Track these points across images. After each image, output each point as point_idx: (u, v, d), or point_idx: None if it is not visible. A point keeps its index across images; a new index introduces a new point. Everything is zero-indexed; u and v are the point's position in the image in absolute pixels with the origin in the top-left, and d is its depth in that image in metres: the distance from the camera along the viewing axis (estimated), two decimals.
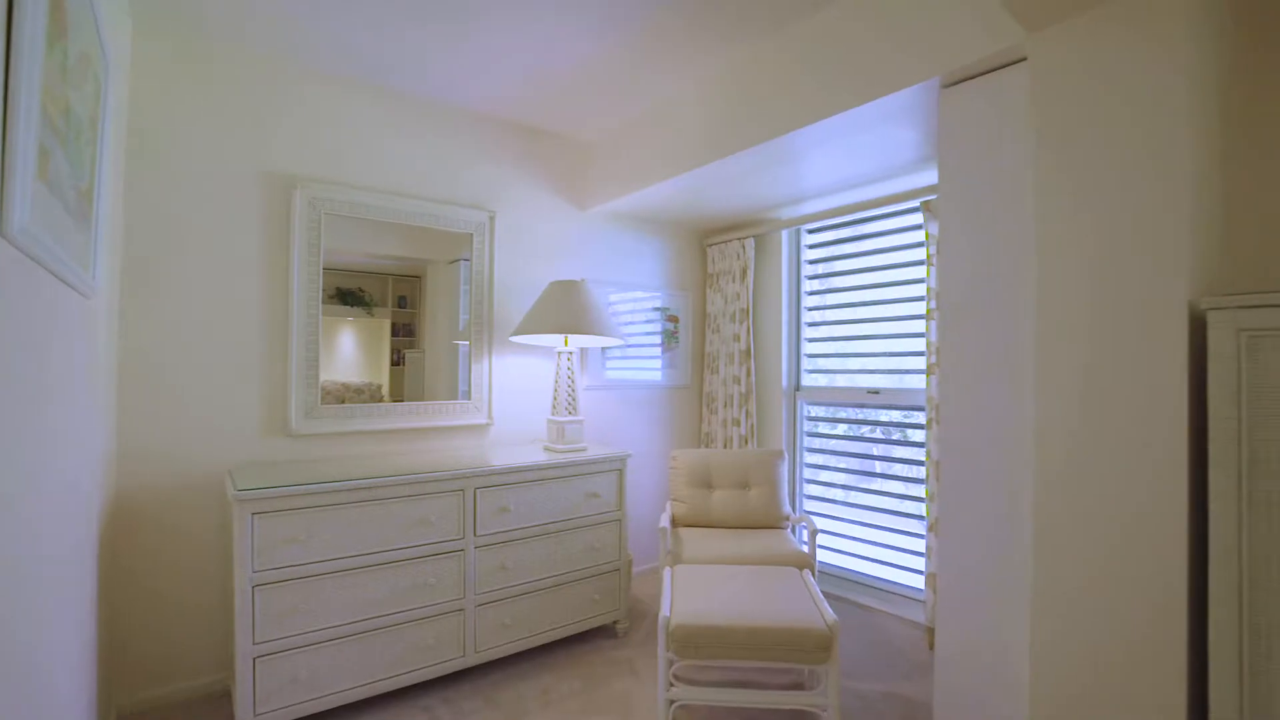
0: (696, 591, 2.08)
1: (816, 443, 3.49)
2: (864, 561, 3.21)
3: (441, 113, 2.91)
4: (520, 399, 3.16)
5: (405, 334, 2.82)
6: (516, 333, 2.83)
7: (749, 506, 2.86)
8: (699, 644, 1.87)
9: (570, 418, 2.81)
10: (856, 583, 3.22)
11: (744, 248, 3.57)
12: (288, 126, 2.50)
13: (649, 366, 3.70)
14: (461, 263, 2.97)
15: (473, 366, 2.97)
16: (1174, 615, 1.33)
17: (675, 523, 2.91)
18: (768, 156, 2.55)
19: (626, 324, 3.60)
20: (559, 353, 2.89)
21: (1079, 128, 1.49)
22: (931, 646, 2.63)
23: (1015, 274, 1.75)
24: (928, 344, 2.69)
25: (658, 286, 3.74)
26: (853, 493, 3.30)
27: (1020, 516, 1.72)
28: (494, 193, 3.08)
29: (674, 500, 2.95)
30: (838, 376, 3.38)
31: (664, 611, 1.96)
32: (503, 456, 2.64)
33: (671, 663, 1.94)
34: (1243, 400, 1.25)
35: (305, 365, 2.50)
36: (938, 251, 1.93)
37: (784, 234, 3.56)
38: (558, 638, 2.60)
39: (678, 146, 2.79)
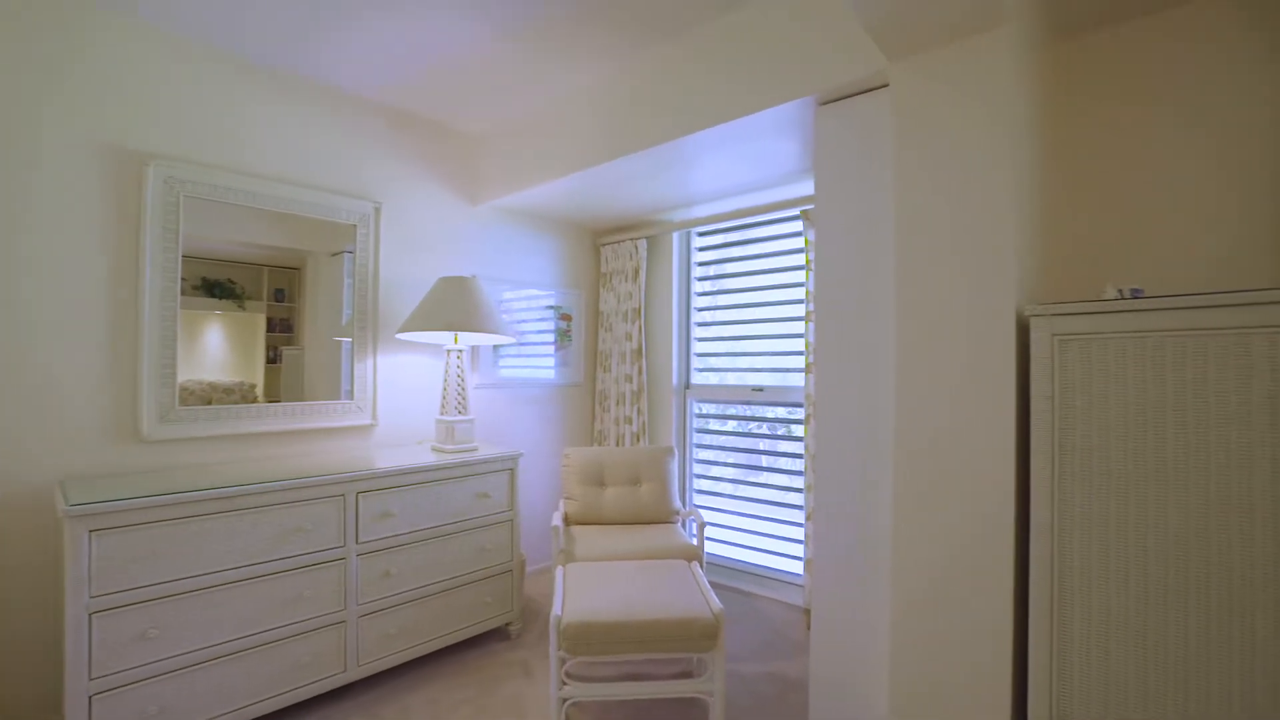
0: (588, 589, 2.10)
1: (708, 439, 3.62)
2: (750, 551, 3.38)
3: (326, 96, 2.73)
4: (407, 398, 3.03)
5: (283, 329, 2.62)
6: (404, 329, 2.72)
7: (640, 503, 2.92)
8: (590, 641, 1.89)
9: (460, 417, 2.74)
10: (743, 571, 3.38)
11: (636, 248, 3.63)
12: (137, 97, 2.24)
13: (542, 365, 3.67)
14: (345, 255, 2.80)
15: (356, 365, 2.82)
16: (1003, 582, 1.52)
17: (568, 521, 2.92)
18: (660, 160, 2.62)
19: (519, 322, 3.56)
20: (448, 351, 2.81)
21: (929, 152, 1.66)
22: (809, 627, 2.82)
23: (880, 281, 1.92)
24: (806, 344, 2.87)
25: (551, 284, 3.73)
26: (741, 486, 3.46)
27: (883, 504, 1.89)
28: (381, 183, 2.94)
29: (566, 498, 2.95)
30: (728, 375, 3.53)
31: (556, 610, 1.96)
32: (388, 458, 2.53)
33: (564, 661, 1.95)
34: (1055, 393, 1.45)
35: (159, 362, 2.26)
36: (815, 258, 2.07)
37: (675, 236, 3.67)
38: (448, 644, 2.53)
39: (572, 145, 2.79)
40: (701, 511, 3.40)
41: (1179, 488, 1.32)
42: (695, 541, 2.73)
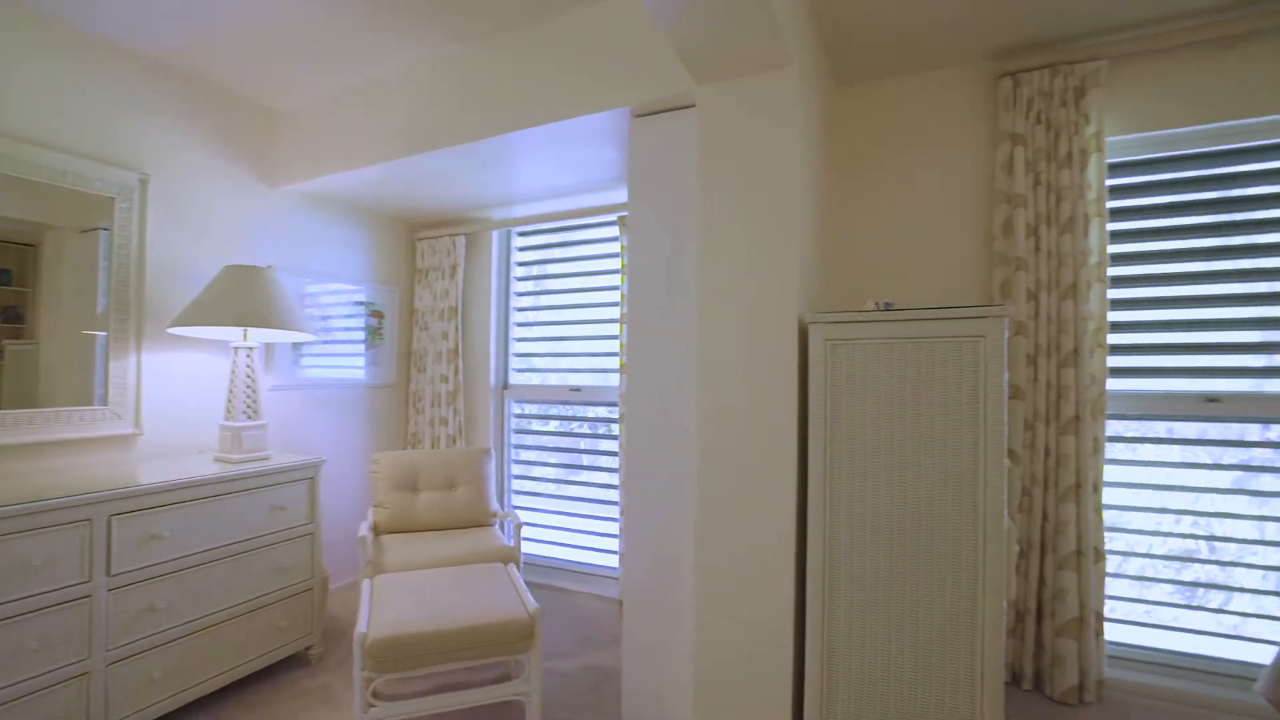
0: (396, 601, 1.99)
1: (529, 439, 3.61)
2: (571, 549, 3.43)
3: (88, 46, 2.28)
4: (184, 403, 2.64)
5: (11, 319, 2.15)
6: (178, 323, 2.36)
7: (455, 506, 2.83)
8: (399, 656, 1.80)
9: (250, 422, 2.45)
10: (564, 570, 3.42)
11: (455, 244, 3.52)
12: None
13: (351, 364, 3.41)
14: (100, 232, 2.37)
15: (114, 363, 2.40)
16: (786, 560, 1.71)
17: (377, 530, 2.74)
18: (477, 157, 2.56)
19: (324, 318, 3.27)
20: (236, 348, 2.49)
21: (728, 172, 1.82)
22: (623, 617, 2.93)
23: (684, 288, 2.06)
24: (621, 345, 2.99)
25: (362, 279, 3.47)
26: (563, 485, 3.50)
27: (688, 496, 2.03)
28: (153, 153, 2.52)
29: (376, 506, 2.77)
30: (550, 376, 3.55)
31: (360, 627, 1.83)
32: (156, 472, 2.18)
33: (371, 681, 1.83)
34: (827, 390, 1.67)
35: None
36: (629, 263, 2.16)
37: (495, 234, 3.61)
38: (234, 679, 2.24)
39: (385, 132, 2.63)
40: (520, 512, 3.39)
41: (914, 469, 1.59)
42: (513, 543, 2.71)
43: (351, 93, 2.75)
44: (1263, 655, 2.12)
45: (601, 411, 3.38)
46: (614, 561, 3.27)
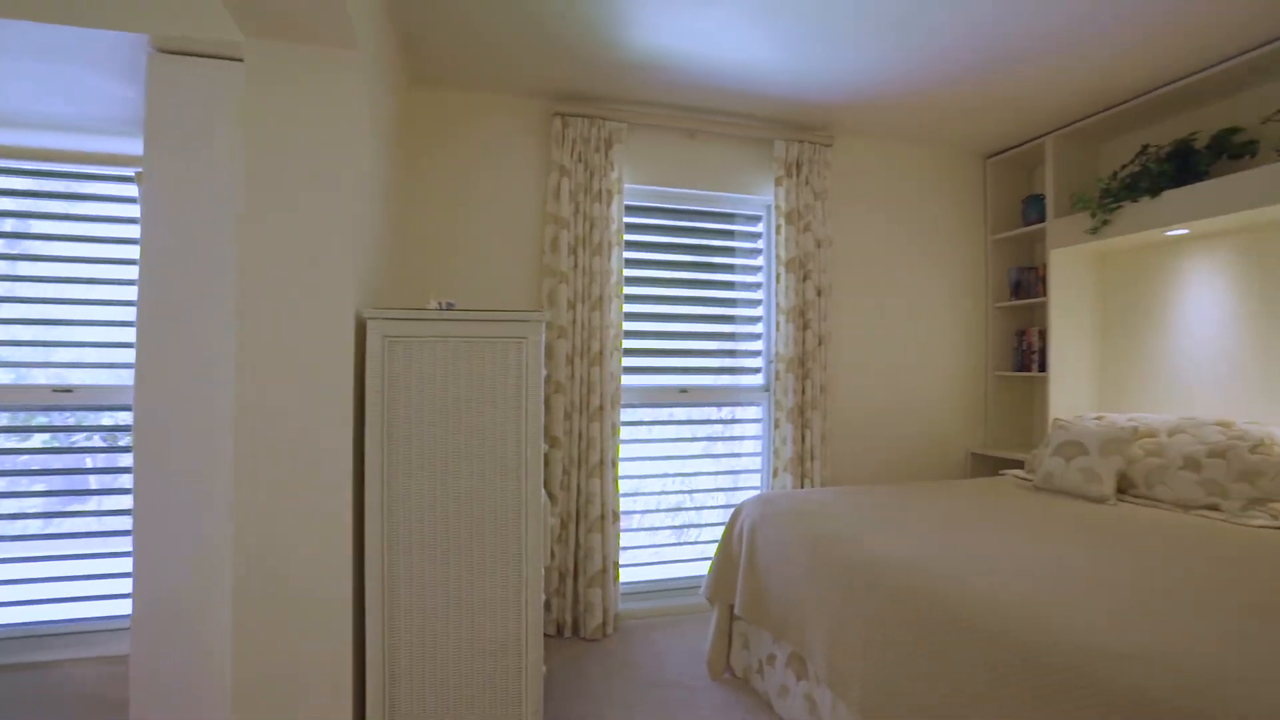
0: None
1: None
2: (61, 605, 2.57)
3: None
4: None
5: None
6: None
7: None
8: None
9: None
10: (46, 636, 2.55)
11: None
12: None
13: None
14: None
15: None
16: (343, 565, 1.65)
17: None
18: None
19: None
20: None
21: (284, 147, 1.65)
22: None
23: (223, 270, 1.78)
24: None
25: None
26: (55, 521, 2.60)
27: (219, 499, 1.76)
28: None
29: None
30: (35, 372, 2.60)
31: None
32: None
33: None
34: (385, 387, 1.68)
35: None
36: (143, 230, 1.76)
37: None
38: None
39: None
40: None
41: (469, 460, 1.72)
42: None
43: None
44: (703, 568, 2.98)
45: (124, 418, 2.62)
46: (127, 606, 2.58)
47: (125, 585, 2.62)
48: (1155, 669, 1.04)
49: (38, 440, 2.67)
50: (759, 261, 3.08)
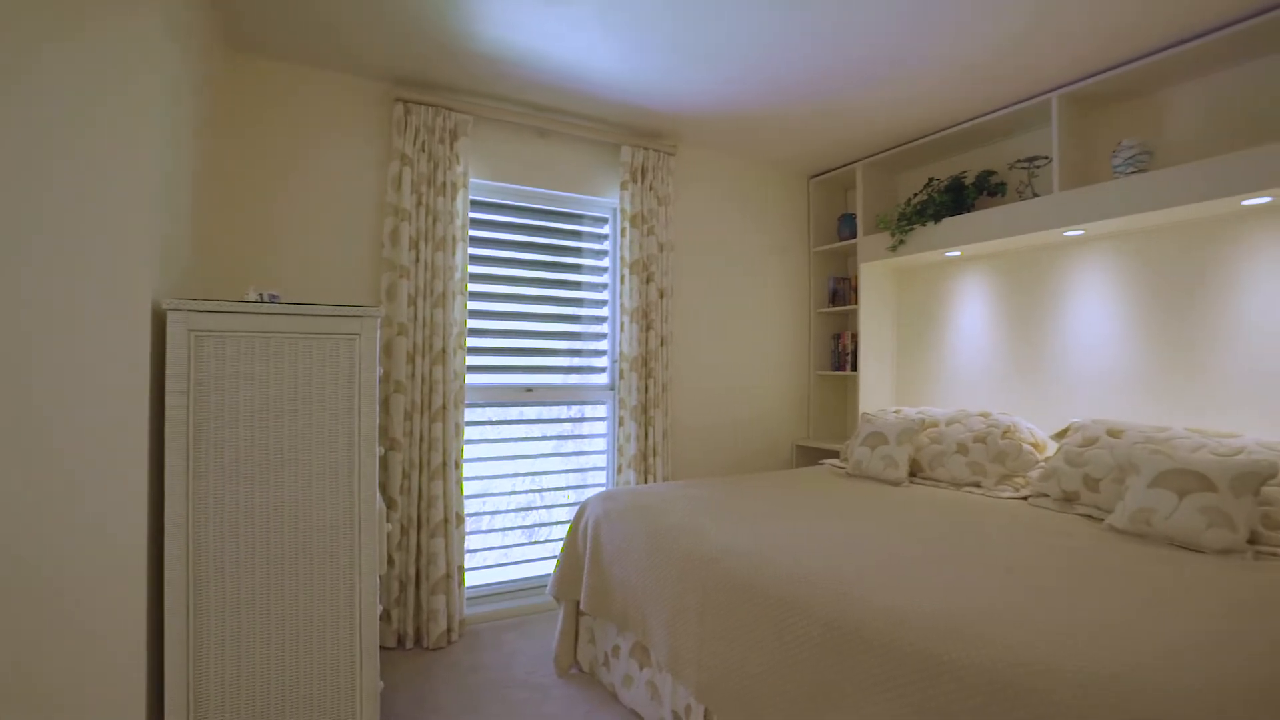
0: None
1: None
2: None
3: None
4: None
5: None
6: None
7: None
8: None
9: None
10: None
11: None
12: None
13: None
14: None
15: None
16: (137, 583, 1.44)
17: None
18: None
19: None
20: None
21: (43, 96, 1.40)
22: None
23: None
24: None
25: None
26: None
27: None
28: None
29: None
30: None
31: None
32: None
33: None
34: (191, 388, 1.49)
35: None
36: None
37: None
38: None
39: None
40: None
41: (294, 466, 1.59)
42: None
43: None
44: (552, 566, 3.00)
45: None
46: None
47: None
48: (926, 621, 1.24)
49: None
50: (605, 263, 3.15)
